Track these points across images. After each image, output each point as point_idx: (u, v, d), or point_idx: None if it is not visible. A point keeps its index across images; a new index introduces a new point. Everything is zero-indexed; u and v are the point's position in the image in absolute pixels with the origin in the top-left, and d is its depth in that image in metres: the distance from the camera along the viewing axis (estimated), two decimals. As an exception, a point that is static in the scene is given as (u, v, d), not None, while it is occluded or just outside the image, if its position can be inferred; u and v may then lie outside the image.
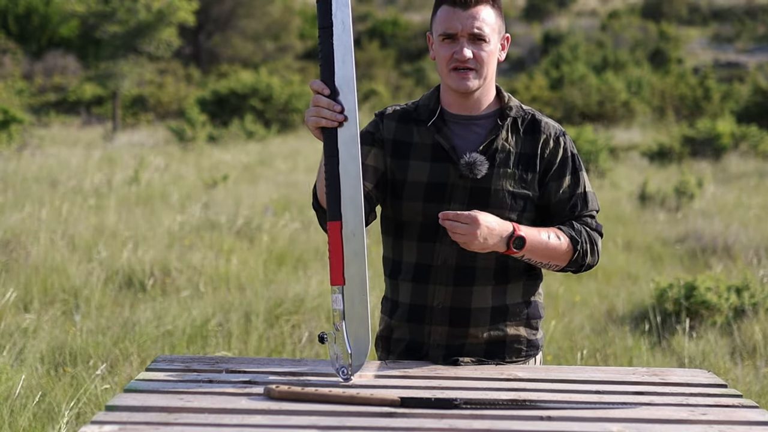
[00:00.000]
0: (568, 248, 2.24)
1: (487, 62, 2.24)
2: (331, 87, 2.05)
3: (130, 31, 21.85)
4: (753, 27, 43.08)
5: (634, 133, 20.80)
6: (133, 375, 4.30)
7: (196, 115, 18.36)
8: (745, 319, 5.44)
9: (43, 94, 27.11)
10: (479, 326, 2.29)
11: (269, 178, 12.24)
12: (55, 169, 11.88)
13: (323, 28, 2.04)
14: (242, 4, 36.03)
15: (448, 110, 2.32)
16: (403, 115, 2.34)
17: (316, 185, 2.27)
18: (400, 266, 2.33)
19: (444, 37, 2.24)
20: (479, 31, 2.21)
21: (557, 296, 6.25)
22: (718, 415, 1.90)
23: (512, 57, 40.41)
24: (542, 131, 2.30)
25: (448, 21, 2.22)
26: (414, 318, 2.32)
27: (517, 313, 2.33)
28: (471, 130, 2.30)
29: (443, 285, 2.28)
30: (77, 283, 5.90)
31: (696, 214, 9.48)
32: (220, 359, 2.23)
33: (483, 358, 2.32)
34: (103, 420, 1.77)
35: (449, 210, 2.22)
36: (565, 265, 2.27)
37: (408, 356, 2.35)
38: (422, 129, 2.31)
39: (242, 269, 6.55)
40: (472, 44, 2.22)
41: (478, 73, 2.24)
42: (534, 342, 2.38)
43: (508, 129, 2.30)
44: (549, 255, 2.22)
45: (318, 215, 2.30)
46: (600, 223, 2.37)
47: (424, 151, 2.29)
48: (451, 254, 2.27)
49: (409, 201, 2.29)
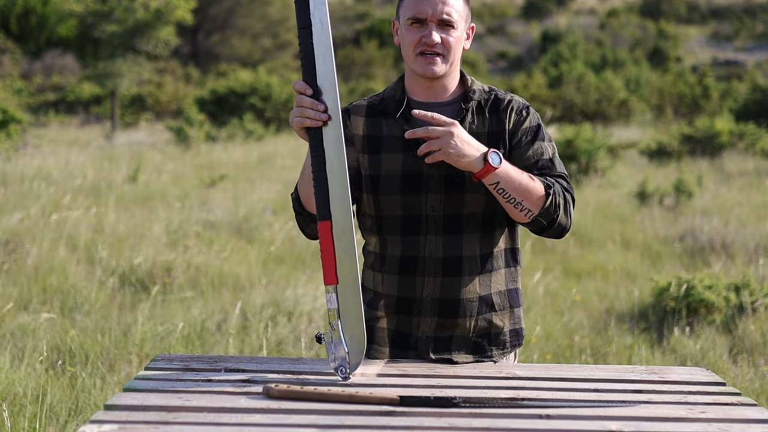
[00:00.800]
0: (542, 193, 2.19)
1: (454, 48, 2.25)
2: (313, 87, 2.06)
3: (128, 31, 21.86)
4: (752, 25, 43.10)
5: (632, 132, 20.82)
6: (132, 374, 4.30)
7: (195, 114, 18.36)
8: (744, 317, 5.44)
9: (42, 93, 27.10)
10: (467, 316, 2.30)
11: (268, 177, 12.24)
12: (54, 168, 11.87)
13: (302, 29, 2.05)
14: (241, 3, 36.03)
15: (414, 98, 2.32)
16: (370, 109, 2.34)
17: (298, 188, 2.27)
18: (384, 259, 2.33)
19: (412, 21, 2.24)
20: (448, 16, 2.23)
21: (556, 294, 6.25)
22: (716, 413, 1.90)
23: (511, 55, 40.40)
24: (506, 107, 2.31)
25: (417, 5, 2.23)
26: (402, 310, 2.32)
27: (502, 302, 2.34)
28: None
29: (431, 276, 2.28)
30: (76, 282, 5.90)
31: (695, 213, 9.49)
32: (219, 358, 2.23)
33: (470, 350, 2.32)
34: (102, 419, 1.76)
35: (427, 200, 2.24)
36: (537, 213, 2.20)
37: (393, 346, 2.34)
38: (390, 121, 2.31)
39: (241, 268, 6.56)
40: (440, 29, 2.23)
41: (445, 58, 2.25)
42: (517, 331, 2.39)
43: (473, 112, 2.30)
44: (523, 191, 2.17)
45: (300, 219, 2.30)
46: (572, 186, 2.33)
47: (395, 143, 2.29)
48: (438, 245, 2.27)
49: (386, 195, 2.29)
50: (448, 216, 2.27)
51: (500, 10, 50.72)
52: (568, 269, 7.15)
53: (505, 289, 2.35)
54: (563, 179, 2.28)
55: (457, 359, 2.31)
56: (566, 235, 7.99)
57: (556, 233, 2.26)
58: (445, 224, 2.27)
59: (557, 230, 2.25)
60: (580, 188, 11.90)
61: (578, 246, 8.00)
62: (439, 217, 2.27)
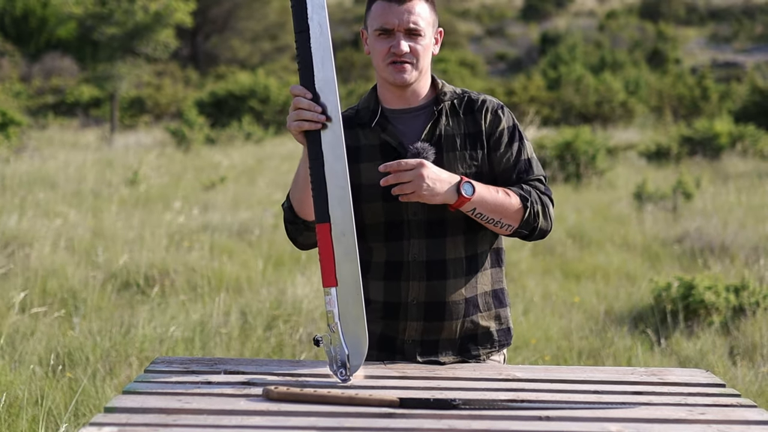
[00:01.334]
0: (519, 206, 2.24)
1: (422, 55, 2.28)
2: (311, 91, 2.06)
3: (128, 33, 21.85)
4: (751, 27, 43.12)
5: (632, 133, 20.81)
6: (132, 376, 4.30)
7: (195, 116, 18.35)
8: (744, 318, 5.44)
9: (41, 96, 27.08)
10: (453, 319, 2.31)
11: (267, 179, 12.24)
12: (53, 171, 11.87)
13: (300, 32, 2.05)
14: (240, 6, 36.05)
15: (387, 107, 2.35)
16: (346, 121, 2.34)
17: (291, 196, 2.29)
18: (369, 265, 2.35)
19: (380, 32, 2.26)
20: (415, 25, 2.25)
21: (555, 296, 6.25)
22: (716, 415, 1.90)
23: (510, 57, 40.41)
24: (481, 108, 2.33)
25: (384, 16, 2.25)
26: (388, 315, 2.33)
27: (488, 303, 2.35)
28: (413, 123, 2.33)
29: (416, 281, 2.30)
30: (76, 285, 5.89)
31: (694, 214, 9.49)
32: (219, 360, 2.23)
33: (457, 352, 2.33)
34: (102, 422, 1.77)
35: (408, 205, 2.26)
36: (517, 226, 2.25)
37: (380, 350, 2.34)
38: (367, 131, 2.34)
39: (241, 271, 6.55)
40: (408, 38, 2.26)
41: (414, 66, 2.27)
42: (505, 331, 2.40)
43: (447, 114, 2.33)
44: (500, 211, 2.21)
45: (293, 228, 2.31)
46: (549, 187, 2.36)
47: (373, 152, 2.32)
48: (421, 249, 2.29)
49: (368, 203, 2.30)
50: (430, 220, 2.28)
51: (499, 11, 50.76)
52: (567, 271, 7.15)
53: (491, 289, 2.37)
54: (540, 182, 2.32)
55: (444, 361, 2.33)
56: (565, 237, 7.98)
57: (538, 237, 2.31)
58: (427, 228, 2.29)
59: (539, 235, 2.31)
60: (579, 190, 11.91)
61: (577, 247, 8.00)
62: (421, 221, 2.28)
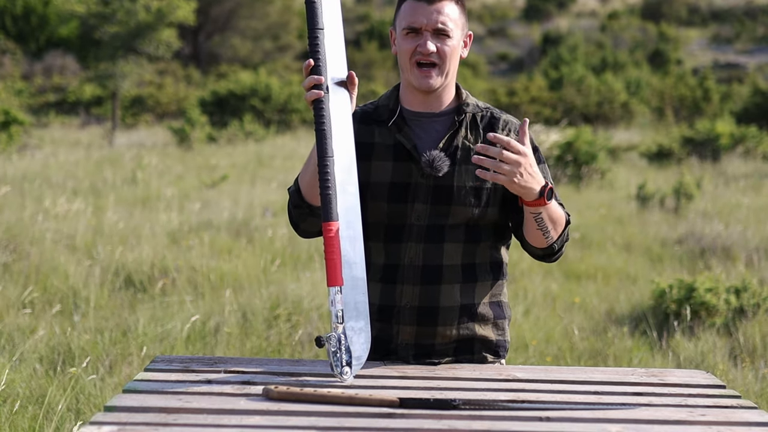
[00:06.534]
0: (564, 223, 2.25)
1: (449, 57, 2.25)
2: (323, 89, 2.05)
3: (130, 32, 21.85)
4: (752, 28, 43.09)
5: (633, 134, 20.81)
6: (132, 375, 4.30)
7: (197, 115, 18.36)
8: (744, 320, 5.44)
9: (43, 94, 27.10)
10: (447, 325, 2.29)
11: (268, 179, 12.24)
12: (54, 169, 11.87)
13: (313, 31, 2.04)
14: (242, 5, 36.04)
15: (408, 108, 2.32)
16: (363, 117, 2.33)
17: (300, 180, 2.25)
18: (368, 266, 2.32)
19: (408, 30, 2.25)
20: (443, 26, 2.23)
21: (556, 297, 6.25)
22: (716, 416, 1.90)
23: (511, 57, 40.39)
24: (504, 127, 2.32)
25: (412, 15, 2.23)
26: (382, 318, 2.31)
27: (485, 313, 2.33)
28: (431, 129, 2.30)
29: (410, 284, 2.28)
30: (76, 283, 5.89)
31: (695, 215, 9.48)
32: (219, 359, 2.23)
33: (451, 359, 2.32)
34: (102, 420, 1.76)
35: (413, 210, 2.25)
36: (554, 240, 2.25)
37: (373, 352, 2.29)
38: (383, 129, 2.31)
39: (241, 269, 6.55)
40: (435, 39, 2.23)
41: (440, 69, 2.25)
42: (501, 343, 2.38)
43: (467, 127, 2.30)
44: (554, 221, 2.21)
45: (297, 212, 2.28)
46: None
47: (385, 151, 2.29)
48: (418, 253, 2.27)
49: (373, 202, 2.28)
50: (432, 225, 2.27)
51: (501, 12, 50.74)
52: (568, 272, 7.14)
53: (489, 301, 2.34)
54: (563, 207, 2.31)
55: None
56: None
57: (555, 259, 2.32)
58: (428, 233, 2.27)
59: (557, 256, 2.31)
60: (581, 191, 11.90)
61: (578, 248, 8.00)
62: (423, 226, 2.27)
